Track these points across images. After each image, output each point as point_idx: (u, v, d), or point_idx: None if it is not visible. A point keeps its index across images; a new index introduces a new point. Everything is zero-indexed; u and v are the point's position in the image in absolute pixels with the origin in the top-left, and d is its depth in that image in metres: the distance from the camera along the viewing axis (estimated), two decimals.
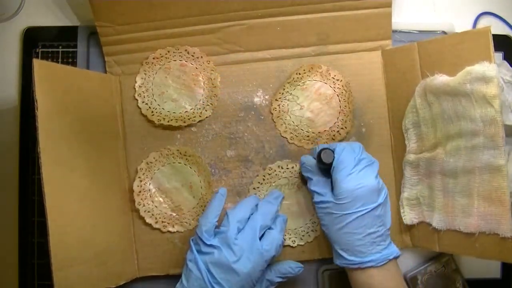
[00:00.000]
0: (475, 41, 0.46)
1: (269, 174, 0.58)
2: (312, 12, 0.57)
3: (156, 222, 0.57)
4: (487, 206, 0.46)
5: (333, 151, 0.51)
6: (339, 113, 0.58)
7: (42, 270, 0.58)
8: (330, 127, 0.58)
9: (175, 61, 0.59)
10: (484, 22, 0.63)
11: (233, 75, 0.59)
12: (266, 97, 0.59)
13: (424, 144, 0.54)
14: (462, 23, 0.62)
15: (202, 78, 0.59)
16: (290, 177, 0.58)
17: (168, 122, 0.57)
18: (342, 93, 0.58)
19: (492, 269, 0.61)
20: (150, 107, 0.58)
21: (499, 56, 0.62)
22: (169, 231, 0.57)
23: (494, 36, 0.44)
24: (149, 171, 0.58)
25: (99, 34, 0.57)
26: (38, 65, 0.45)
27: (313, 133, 0.58)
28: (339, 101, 0.58)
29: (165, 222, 0.57)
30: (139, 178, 0.57)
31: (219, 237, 0.49)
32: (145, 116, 0.58)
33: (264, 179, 0.58)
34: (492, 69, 0.44)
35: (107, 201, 0.54)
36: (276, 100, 0.59)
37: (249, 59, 0.59)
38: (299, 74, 0.58)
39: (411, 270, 0.59)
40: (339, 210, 0.49)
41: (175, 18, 0.57)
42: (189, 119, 0.58)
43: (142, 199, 0.57)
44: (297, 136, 0.58)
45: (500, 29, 0.63)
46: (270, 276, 0.52)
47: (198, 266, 0.48)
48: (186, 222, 0.57)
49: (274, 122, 0.59)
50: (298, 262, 0.53)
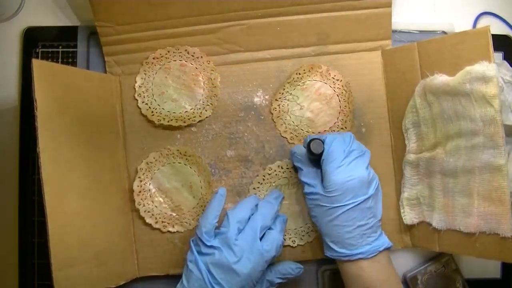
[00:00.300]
0: (475, 41, 0.46)
1: (269, 174, 0.58)
2: (312, 12, 0.57)
3: (156, 222, 0.57)
4: (487, 206, 0.46)
5: (323, 142, 0.50)
6: (339, 113, 0.58)
7: (42, 270, 0.58)
8: (330, 127, 0.58)
9: (175, 61, 0.59)
10: (484, 22, 0.63)
11: (233, 75, 0.59)
12: (266, 97, 0.59)
13: (424, 144, 0.54)
14: (462, 23, 0.62)
15: (202, 78, 0.59)
16: (290, 177, 0.58)
17: (168, 122, 0.57)
18: (342, 93, 0.58)
19: (492, 269, 0.61)
20: (150, 107, 0.58)
21: (499, 56, 0.62)
22: (169, 231, 0.57)
23: (494, 36, 0.44)
24: (149, 171, 0.58)
25: (99, 34, 0.57)
26: (37, 65, 0.45)
27: (313, 133, 0.58)
28: (339, 101, 0.58)
29: (165, 222, 0.57)
30: (139, 178, 0.57)
31: (219, 237, 0.49)
32: (145, 116, 0.58)
33: (264, 179, 0.58)
34: (491, 69, 0.44)
35: (107, 201, 0.54)
36: (276, 100, 0.59)
37: (249, 59, 0.59)
38: (299, 74, 0.58)
39: (411, 270, 0.59)
40: (329, 202, 0.48)
41: (175, 18, 0.57)
42: (189, 119, 0.58)
43: (142, 199, 0.57)
44: (297, 136, 0.58)
45: (500, 29, 0.63)
46: (270, 276, 0.52)
47: (199, 267, 0.48)
48: (186, 222, 0.57)
49: (274, 122, 0.59)
50: (298, 263, 0.53)
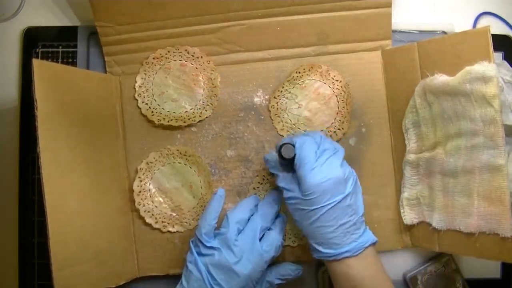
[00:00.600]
0: (475, 41, 0.46)
1: (269, 175, 0.58)
2: (312, 12, 0.57)
3: (156, 222, 0.57)
4: (487, 206, 0.46)
5: (293, 145, 0.49)
6: (337, 113, 0.58)
7: (42, 270, 0.58)
8: (327, 127, 0.58)
9: (175, 61, 0.59)
10: (484, 22, 0.63)
11: (233, 75, 0.59)
12: (266, 97, 0.59)
13: (424, 144, 0.54)
14: (462, 23, 0.62)
15: (202, 78, 0.59)
16: None
17: (168, 122, 0.57)
18: (341, 94, 0.58)
19: (492, 269, 0.61)
20: (150, 107, 0.58)
21: (499, 56, 0.62)
22: (169, 231, 0.57)
23: (494, 36, 0.44)
24: (149, 171, 0.58)
25: (99, 34, 0.57)
26: (37, 65, 0.45)
27: None
28: (338, 101, 0.58)
29: (165, 222, 0.57)
30: (139, 178, 0.57)
31: (219, 238, 0.49)
32: (145, 116, 0.58)
33: (264, 179, 0.58)
34: (491, 69, 0.44)
35: (107, 201, 0.54)
36: (274, 97, 0.59)
37: (249, 59, 0.59)
38: (299, 73, 0.58)
39: (411, 270, 0.59)
40: (308, 205, 0.47)
41: (175, 18, 0.57)
42: (189, 119, 0.58)
43: (142, 199, 0.57)
44: (294, 134, 0.58)
45: (500, 29, 0.63)
46: (270, 277, 0.52)
47: (198, 268, 0.48)
48: (186, 222, 0.57)
49: (272, 119, 0.59)
50: (298, 262, 0.53)
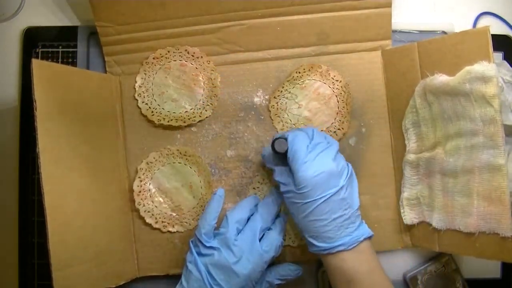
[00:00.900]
0: (475, 41, 0.46)
1: (269, 174, 0.58)
2: (312, 12, 0.57)
3: (156, 222, 0.57)
4: (487, 206, 0.46)
5: (286, 139, 0.49)
6: (337, 114, 0.58)
7: (42, 270, 0.58)
8: (327, 128, 0.58)
9: (175, 61, 0.59)
10: (484, 22, 0.63)
11: (233, 75, 0.59)
12: (266, 97, 0.59)
13: (424, 144, 0.54)
14: (462, 23, 0.62)
15: (202, 78, 0.59)
16: None
17: (168, 122, 0.57)
18: (341, 94, 0.58)
19: (492, 269, 0.61)
20: (150, 107, 0.58)
21: (499, 56, 0.62)
22: (169, 231, 0.57)
23: (494, 36, 0.44)
24: (149, 171, 0.58)
25: (99, 34, 0.57)
26: (37, 65, 0.45)
27: None
28: (338, 101, 0.58)
29: (165, 222, 0.57)
30: (139, 178, 0.57)
31: (219, 238, 0.49)
32: (145, 116, 0.58)
33: (264, 179, 0.58)
34: (491, 68, 0.44)
35: (107, 201, 0.54)
36: (274, 97, 0.59)
37: (249, 59, 0.59)
38: (299, 73, 0.58)
39: (411, 270, 0.59)
40: (301, 199, 0.47)
41: (175, 18, 0.57)
42: (189, 119, 0.58)
43: (142, 199, 0.57)
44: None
45: (500, 29, 0.63)
46: (269, 277, 0.52)
47: (198, 268, 0.48)
48: (186, 222, 0.57)
49: (272, 119, 0.59)
50: (298, 262, 0.53)
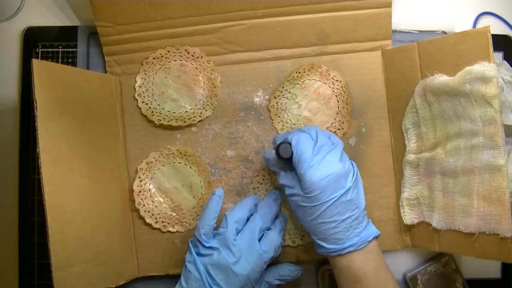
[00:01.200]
0: (475, 41, 0.46)
1: (269, 174, 0.58)
2: (312, 12, 0.57)
3: (156, 222, 0.57)
4: (487, 206, 0.46)
5: (290, 144, 0.48)
6: (337, 113, 0.58)
7: (42, 270, 0.58)
8: (327, 127, 0.58)
9: (175, 61, 0.59)
10: (484, 22, 0.63)
11: (233, 75, 0.59)
12: (266, 97, 0.59)
13: (424, 144, 0.54)
14: (462, 23, 0.62)
15: (202, 78, 0.59)
16: None
17: (168, 122, 0.57)
18: (341, 94, 0.58)
19: (492, 269, 0.61)
20: (150, 107, 0.58)
21: (499, 56, 0.62)
22: (169, 231, 0.57)
23: (494, 36, 0.44)
24: (149, 171, 0.58)
25: (99, 34, 0.57)
26: (37, 65, 0.45)
27: None
28: (338, 101, 0.58)
29: (165, 222, 0.57)
30: (139, 178, 0.57)
31: (218, 238, 0.49)
32: (145, 116, 0.58)
33: (264, 179, 0.58)
34: (491, 69, 0.44)
35: (107, 201, 0.54)
36: (274, 97, 0.59)
37: (249, 59, 0.59)
38: (299, 73, 0.58)
39: (411, 270, 0.59)
40: (309, 202, 0.47)
41: (175, 18, 0.57)
42: (189, 119, 0.58)
43: (142, 199, 0.57)
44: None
45: (500, 29, 0.63)
46: (269, 278, 0.52)
47: (197, 268, 0.48)
48: (186, 222, 0.57)
49: (272, 119, 0.59)
50: (298, 262, 0.53)
